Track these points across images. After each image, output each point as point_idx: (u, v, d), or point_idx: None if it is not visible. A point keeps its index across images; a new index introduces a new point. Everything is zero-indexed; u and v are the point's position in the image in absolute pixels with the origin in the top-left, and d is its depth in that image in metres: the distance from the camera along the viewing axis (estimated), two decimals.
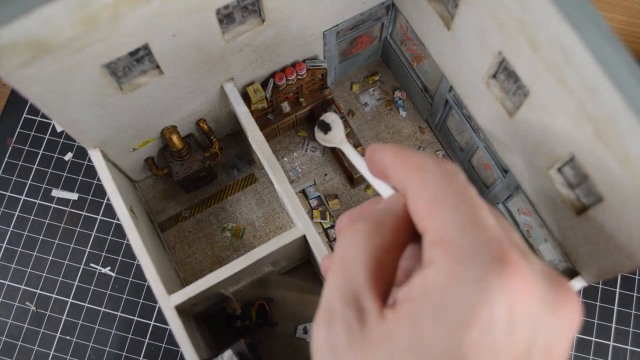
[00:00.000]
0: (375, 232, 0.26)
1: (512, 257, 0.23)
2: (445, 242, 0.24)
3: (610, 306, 0.64)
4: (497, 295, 0.22)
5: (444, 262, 0.24)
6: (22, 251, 0.67)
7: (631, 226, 0.35)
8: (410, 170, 0.27)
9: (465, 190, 0.25)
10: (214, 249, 0.65)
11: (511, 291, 0.23)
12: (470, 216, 0.24)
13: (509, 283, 0.23)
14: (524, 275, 0.23)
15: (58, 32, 0.35)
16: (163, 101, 0.52)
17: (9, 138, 0.71)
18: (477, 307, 0.22)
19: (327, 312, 0.26)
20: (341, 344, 0.25)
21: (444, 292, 0.23)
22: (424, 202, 0.25)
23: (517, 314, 0.23)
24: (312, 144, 0.68)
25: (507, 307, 0.23)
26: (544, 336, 0.24)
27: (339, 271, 0.26)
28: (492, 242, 0.23)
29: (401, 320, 0.24)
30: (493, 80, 0.46)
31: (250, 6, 0.47)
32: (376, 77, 0.71)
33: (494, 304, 0.22)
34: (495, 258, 0.23)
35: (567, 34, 0.32)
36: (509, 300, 0.23)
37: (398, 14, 0.60)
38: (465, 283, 0.23)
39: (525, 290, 0.23)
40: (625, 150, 0.32)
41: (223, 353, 0.51)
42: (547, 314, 0.24)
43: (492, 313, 0.22)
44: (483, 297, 0.22)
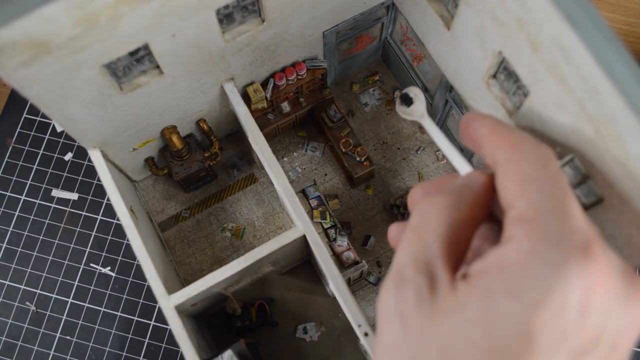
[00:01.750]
0: (454, 205, 0.27)
1: (595, 249, 0.23)
2: (530, 221, 0.24)
3: None
4: (574, 281, 0.23)
5: (526, 240, 0.24)
6: (22, 251, 0.67)
7: (631, 226, 0.35)
8: (507, 145, 0.27)
9: (558, 176, 0.25)
10: (214, 249, 0.65)
11: (589, 280, 0.23)
12: (559, 201, 0.24)
13: (588, 272, 0.23)
14: (603, 267, 0.23)
15: (58, 32, 0.35)
16: (163, 101, 0.52)
17: (9, 138, 0.71)
18: (553, 288, 0.23)
19: (399, 277, 0.26)
20: (410, 309, 0.25)
21: (522, 270, 0.23)
22: (515, 179, 0.26)
23: (591, 302, 0.23)
24: (312, 144, 0.68)
25: (583, 294, 0.23)
26: (613, 329, 0.24)
27: (414, 239, 0.27)
28: (578, 230, 0.24)
29: (473, 293, 0.24)
30: (493, 80, 0.46)
31: (250, 6, 0.47)
32: (376, 77, 0.71)
33: (570, 288, 0.23)
34: (579, 246, 0.23)
35: (567, 34, 0.32)
36: (585, 287, 0.23)
37: (398, 14, 0.60)
38: (545, 264, 0.23)
39: (602, 281, 0.23)
40: (625, 150, 0.32)
41: (223, 353, 0.51)
42: (619, 308, 0.24)
43: (567, 297, 0.23)
44: (561, 280, 0.23)
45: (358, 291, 0.63)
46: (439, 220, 0.26)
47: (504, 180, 0.26)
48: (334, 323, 0.62)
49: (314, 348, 0.62)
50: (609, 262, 0.24)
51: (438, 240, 0.26)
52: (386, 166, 0.67)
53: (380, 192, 0.67)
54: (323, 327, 0.62)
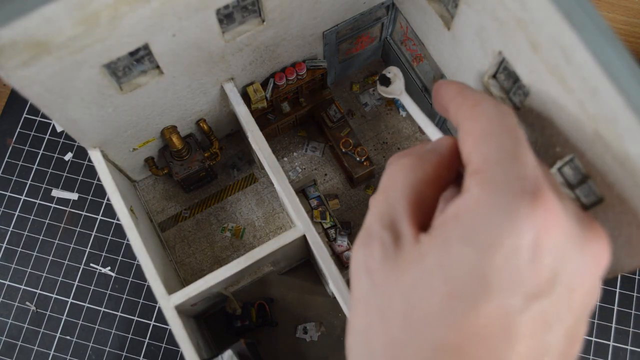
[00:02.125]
0: (418, 166, 0.28)
1: (544, 193, 0.24)
2: (482, 172, 0.25)
3: (610, 306, 0.64)
4: (524, 225, 0.23)
5: (478, 189, 0.25)
6: (22, 251, 0.67)
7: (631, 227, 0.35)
8: (468, 104, 0.29)
9: (514, 130, 0.27)
10: (214, 249, 0.65)
11: (539, 223, 0.24)
12: (511, 152, 0.26)
13: (538, 215, 0.24)
14: (553, 211, 0.24)
15: (58, 32, 0.35)
16: (163, 101, 0.52)
17: (8, 138, 0.71)
18: (503, 233, 0.23)
19: (366, 234, 0.28)
20: (376, 264, 0.27)
21: (474, 217, 0.24)
22: (473, 135, 0.27)
23: (542, 245, 0.24)
24: (312, 144, 0.68)
25: (533, 237, 0.24)
26: (568, 271, 0.25)
27: (381, 199, 0.28)
28: (528, 177, 0.25)
29: (433, 243, 0.25)
30: (493, 80, 0.46)
31: (250, 6, 0.47)
32: (376, 77, 0.71)
33: (520, 232, 0.23)
34: (527, 191, 0.24)
35: (567, 34, 0.32)
36: (535, 231, 0.24)
37: (398, 14, 0.60)
38: (495, 210, 0.24)
39: (553, 224, 0.24)
40: (625, 150, 0.32)
41: (223, 353, 0.51)
42: (574, 251, 0.25)
43: (517, 240, 0.23)
44: (510, 224, 0.23)
45: None
46: (403, 180, 0.28)
47: (464, 137, 0.28)
48: (334, 323, 0.62)
49: (314, 348, 0.62)
50: (560, 207, 0.24)
51: (403, 199, 0.27)
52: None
53: None
54: (323, 327, 0.62)
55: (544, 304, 0.24)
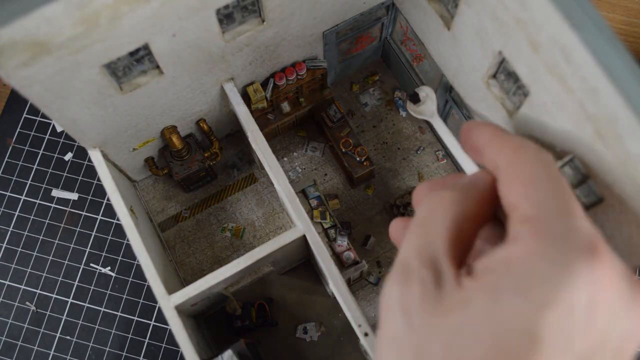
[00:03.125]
0: (461, 201, 0.27)
1: (601, 250, 0.23)
2: (536, 221, 0.24)
3: None
4: (582, 282, 0.22)
5: (533, 239, 0.24)
6: (22, 251, 0.67)
7: (631, 226, 0.35)
8: (509, 149, 0.27)
9: (560, 178, 0.25)
10: (214, 249, 0.65)
11: (596, 281, 0.23)
12: (563, 202, 0.24)
13: (595, 273, 0.23)
14: (610, 269, 0.23)
15: (58, 32, 0.35)
16: (163, 101, 0.52)
17: (9, 138, 0.71)
18: (561, 288, 0.22)
19: (403, 271, 0.26)
20: (415, 303, 0.25)
21: (529, 268, 0.23)
22: (519, 181, 0.26)
23: (598, 304, 0.23)
24: (312, 143, 0.68)
25: (590, 295, 0.22)
26: (618, 332, 0.24)
27: (420, 233, 0.27)
28: (583, 230, 0.23)
29: (480, 290, 0.24)
30: (493, 80, 0.46)
31: (250, 6, 0.47)
32: (376, 77, 0.71)
33: (578, 289, 0.22)
34: (585, 246, 0.23)
35: (567, 34, 0.32)
36: (592, 289, 0.22)
37: (398, 14, 0.60)
38: (552, 263, 0.23)
39: (609, 283, 0.23)
40: (625, 150, 0.32)
41: (223, 353, 0.51)
42: (625, 312, 0.24)
43: (574, 298, 0.22)
44: (568, 280, 0.22)
45: (358, 291, 0.63)
46: (445, 214, 0.26)
47: (508, 182, 0.26)
48: (334, 323, 0.62)
49: (314, 348, 0.62)
50: (615, 265, 0.24)
51: (444, 235, 0.26)
52: (386, 166, 0.67)
53: (380, 192, 0.67)
54: (323, 327, 0.62)
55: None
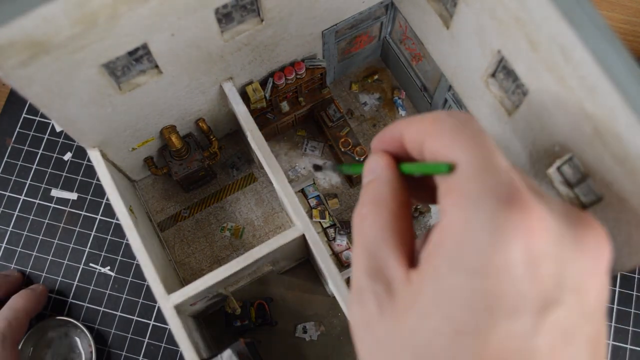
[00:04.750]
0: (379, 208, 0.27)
1: (522, 197, 0.22)
2: (454, 190, 0.24)
3: (609, 305, 0.64)
4: (510, 238, 0.22)
5: (454, 210, 0.23)
6: (21, 251, 0.67)
7: (630, 225, 0.35)
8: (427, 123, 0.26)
9: (478, 137, 0.25)
10: (213, 249, 0.65)
11: (524, 232, 0.22)
12: (480, 162, 0.24)
13: (521, 223, 0.22)
14: (537, 214, 0.22)
15: (56, 31, 0.35)
16: (162, 101, 0.52)
17: (8, 138, 0.71)
18: (491, 252, 0.22)
19: (357, 291, 0.26)
20: (374, 317, 0.25)
21: (457, 241, 0.23)
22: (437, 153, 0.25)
23: (535, 254, 0.22)
24: (312, 143, 0.68)
25: (523, 247, 0.22)
26: (572, 274, 0.23)
27: (360, 253, 0.27)
28: (501, 184, 0.23)
29: (423, 278, 0.23)
30: (492, 79, 0.46)
31: (249, 5, 0.47)
32: (375, 76, 0.71)
33: (509, 246, 0.22)
34: (503, 199, 0.22)
35: (566, 33, 0.32)
36: (524, 240, 0.22)
37: (397, 13, 0.60)
38: (477, 229, 0.22)
39: (539, 228, 0.22)
40: (624, 149, 0.32)
41: (222, 352, 0.51)
42: (571, 251, 0.23)
43: (508, 257, 0.22)
44: (495, 240, 0.22)
45: None
46: (372, 225, 0.26)
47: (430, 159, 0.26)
48: (333, 322, 0.62)
49: (314, 347, 0.62)
50: (542, 207, 0.23)
51: (380, 242, 0.26)
52: None
53: None
54: (323, 326, 0.62)
55: (557, 316, 0.22)
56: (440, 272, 0.23)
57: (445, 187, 0.24)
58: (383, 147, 0.29)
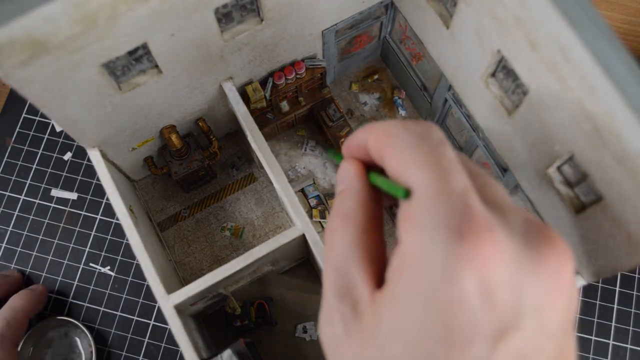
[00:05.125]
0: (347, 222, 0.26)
1: (476, 224, 0.21)
2: (409, 217, 0.23)
3: (609, 305, 0.64)
4: (463, 269, 0.21)
5: (410, 239, 0.23)
6: (21, 251, 0.67)
7: (630, 225, 0.35)
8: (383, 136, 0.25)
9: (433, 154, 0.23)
10: (213, 249, 0.65)
11: (478, 262, 0.21)
12: (433, 185, 0.22)
13: (475, 254, 0.21)
14: (491, 243, 0.21)
15: (56, 31, 0.35)
16: (162, 100, 0.52)
17: (8, 138, 0.71)
18: (444, 285, 0.21)
19: (327, 310, 0.26)
20: (340, 336, 0.25)
21: (413, 272, 0.22)
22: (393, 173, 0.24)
23: (490, 282, 0.21)
24: (312, 143, 0.68)
25: (477, 278, 0.21)
26: (531, 296, 0.22)
27: (329, 269, 0.26)
28: (454, 211, 0.22)
29: (385, 303, 0.23)
30: (492, 79, 0.46)
31: (249, 5, 0.47)
32: (375, 76, 0.71)
33: (461, 278, 0.21)
34: (455, 230, 0.21)
35: (565, 33, 0.32)
36: (476, 270, 0.21)
37: (397, 12, 0.60)
38: (430, 261, 0.22)
39: (493, 255, 0.21)
40: (624, 148, 0.32)
41: (222, 352, 0.51)
42: (529, 274, 0.22)
43: (462, 289, 0.21)
44: (449, 274, 0.21)
45: None
46: (341, 241, 0.26)
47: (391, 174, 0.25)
48: None
49: (314, 347, 0.62)
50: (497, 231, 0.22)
51: (349, 261, 0.25)
52: None
53: None
54: None
55: (515, 341, 0.22)
56: (399, 299, 0.23)
57: (402, 212, 0.24)
58: (352, 154, 0.28)
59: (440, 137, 0.24)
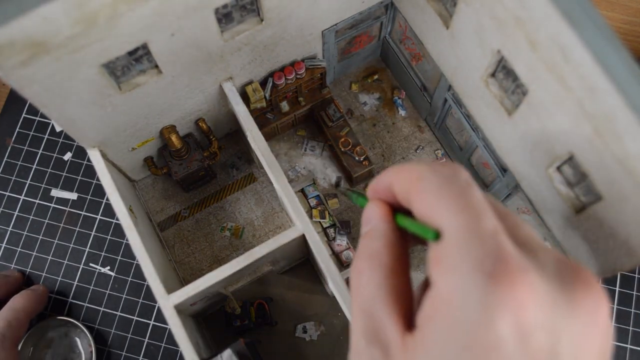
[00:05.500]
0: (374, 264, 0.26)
1: (509, 267, 0.21)
2: (441, 260, 0.23)
3: (609, 305, 0.64)
4: (498, 313, 0.21)
5: (443, 283, 0.22)
6: (21, 251, 0.67)
7: (630, 225, 0.35)
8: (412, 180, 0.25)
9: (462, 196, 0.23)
10: (213, 249, 0.65)
11: (514, 306, 0.21)
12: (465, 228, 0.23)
13: (510, 297, 0.21)
14: (526, 285, 0.21)
15: (56, 31, 0.35)
16: (162, 100, 0.52)
17: (8, 138, 0.71)
18: (480, 329, 0.21)
19: (355, 352, 0.26)
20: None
21: (447, 317, 0.22)
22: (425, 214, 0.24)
23: (526, 326, 0.21)
24: (311, 143, 0.68)
25: (513, 322, 0.21)
26: (567, 339, 0.22)
27: (357, 312, 0.26)
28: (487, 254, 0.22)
29: (418, 348, 0.23)
30: (492, 79, 0.46)
31: (249, 5, 0.47)
32: (375, 76, 0.71)
33: (498, 322, 0.21)
34: (489, 273, 0.21)
35: (565, 33, 0.32)
36: (513, 315, 0.21)
37: (397, 13, 0.60)
38: (465, 306, 0.21)
39: (529, 299, 0.21)
40: (624, 148, 0.32)
41: (222, 352, 0.51)
42: (564, 317, 0.22)
43: (498, 334, 0.21)
44: (484, 318, 0.21)
45: None
46: (368, 283, 0.26)
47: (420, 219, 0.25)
48: (333, 322, 0.62)
49: (314, 347, 0.62)
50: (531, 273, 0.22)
51: (378, 304, 0.25)
52: (385, 165, 0.67)
53: None
54: (322, 326, 0.62)
55: None
56: (432, 344, 0.22)
57: (433, 254, 0.24)
58: (378, 196, 0.28)
59: (467, 178, 0.24)
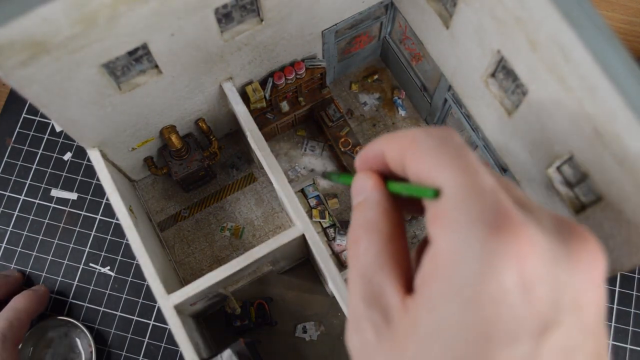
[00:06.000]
0: (371, 232, 0.26)
1: (510, 220, 0.22)
2: (441, 217, 0.23)
3: (609, 305, 0.64)
4: (501, 264, 0.21)
5: (443, 238, 0.23)
6: (21, 251, 0.67)
7: (630, 225, 0.35)
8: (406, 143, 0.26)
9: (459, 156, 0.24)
10: (213, 249, 0.65)
11: (516, 257, 0.21)
12: (464, 184, 0.23)
13: (512, 249, 0.21)
14: (527, 237, 0.22)
15: (56, 31, 0.35)
16: (162, 101, 0.52)
17: (8, 138, 0.71)
18: (483, 282, 0.21)
19: (354, 319, 0.26)
20: (372, 346, 0.25)
21: (449, 271, 0.22)
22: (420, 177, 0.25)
23: (529, 277, 0.21)
24: (311, 143, 0.68)
25: (516, 273, 0.21)
26: (567, 292, 0.22)
27: (355, 278, 0.26)
28: (488, 208, 0.22)
29: (420, 308, 0.23)
30: (492, 79, 0.46)
31: (249, 5, 0.47)
32: (375, 76, 0.71)
33: (501, 273, 0.21)
34: (491, 225, 0.22)
35: (565, 33, 0.32)
36: (516, 266, 0.21)
37: (397, 13, 0.60)
38: (467, 259, 0.22)
39: (532, 251, 0.22)
40: (624, 148, 0.32)
41: (222, 352, 0.51)
42: (564, 269, 0.23)
43: (501, 285, 0.21)
44: (487, 270, 0.21)
45: None
46: (366, 252, 0.26)
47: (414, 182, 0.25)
48: (333, 322, 0.62)
49: (314, 347, 0.62)
50: (532, 226, 0.22)
51: (376, 268, 0.25)
52: None
53: None
54: (322, 326, 0.62)
55: (557, 336, 0.22)
56: (435, 302, 0.23)
57: (432, 213, 0.24)
58: (368, 166, 0.28)
59: (461, 140, 0.25)
